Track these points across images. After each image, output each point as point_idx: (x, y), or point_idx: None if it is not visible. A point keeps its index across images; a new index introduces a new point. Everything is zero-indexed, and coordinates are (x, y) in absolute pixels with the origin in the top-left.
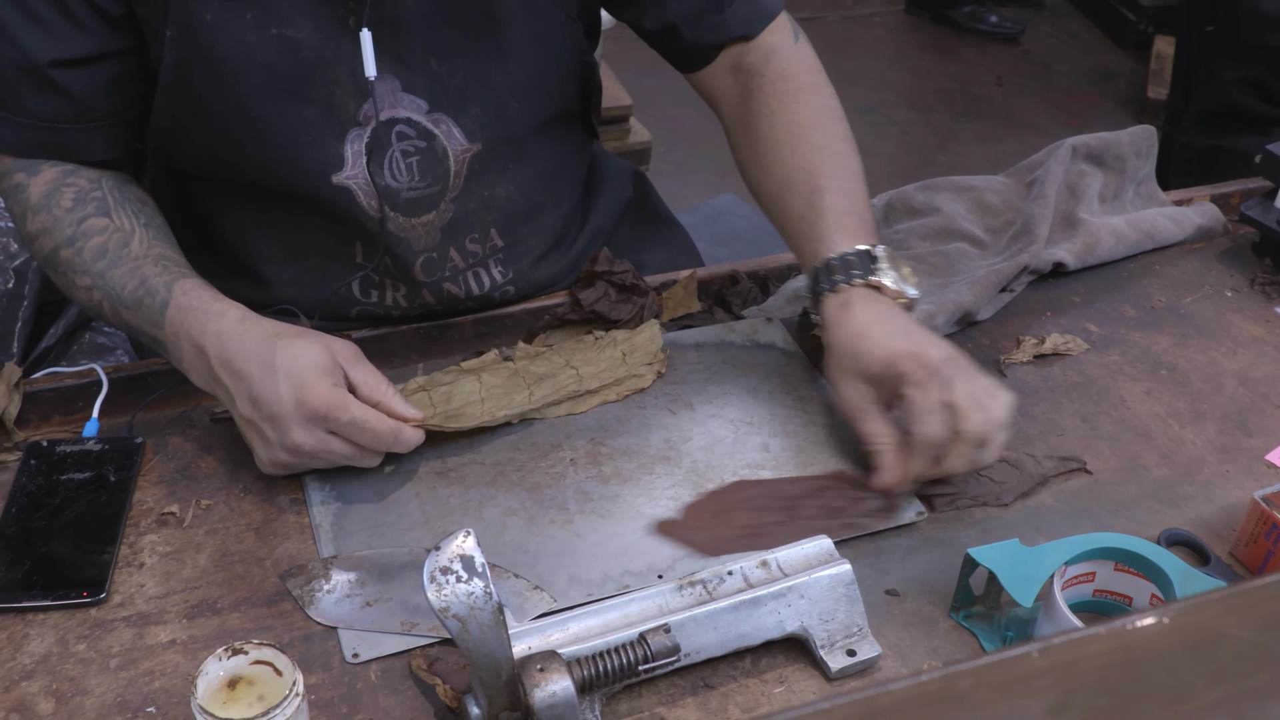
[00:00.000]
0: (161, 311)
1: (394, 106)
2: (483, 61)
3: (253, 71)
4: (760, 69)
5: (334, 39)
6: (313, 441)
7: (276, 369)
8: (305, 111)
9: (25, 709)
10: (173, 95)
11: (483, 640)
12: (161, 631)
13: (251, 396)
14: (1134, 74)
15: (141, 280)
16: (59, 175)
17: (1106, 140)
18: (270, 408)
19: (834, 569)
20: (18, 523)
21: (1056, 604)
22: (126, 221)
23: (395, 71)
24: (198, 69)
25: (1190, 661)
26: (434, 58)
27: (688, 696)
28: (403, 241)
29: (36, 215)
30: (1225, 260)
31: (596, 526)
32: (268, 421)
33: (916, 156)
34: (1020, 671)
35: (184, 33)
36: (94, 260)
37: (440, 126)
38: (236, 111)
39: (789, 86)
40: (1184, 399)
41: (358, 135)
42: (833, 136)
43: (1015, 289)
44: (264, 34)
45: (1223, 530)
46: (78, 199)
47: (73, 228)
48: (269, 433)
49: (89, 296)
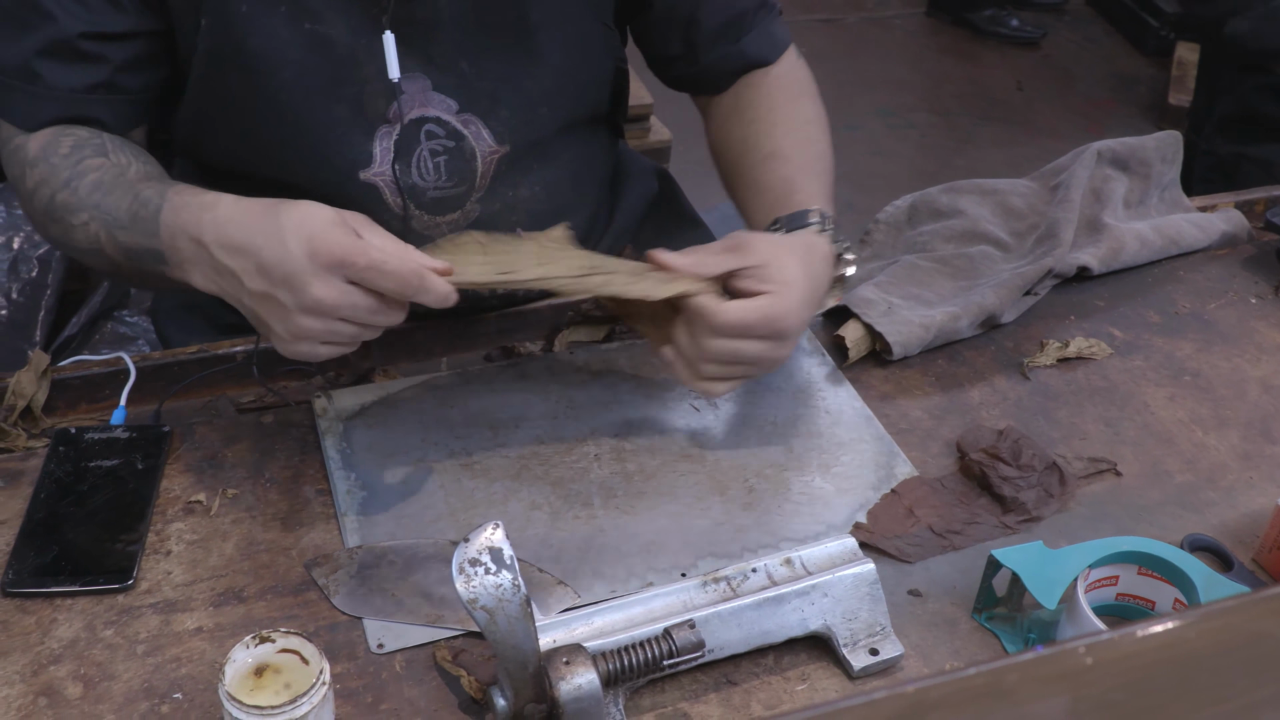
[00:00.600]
0: (155, 218)
1: (424, 105)
2: (513, 65)
3: (284, 66)
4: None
5: (365, 37)
6: (334, 294)
7: (283, 228)
8: (335, 108)
9: (53, 693)
10: (204, 86)
11: (510, 632)
12: (188, 619)
13: (260, 266)
14: (1155, 80)
15: (135, 195)
16: (58, 129)
17: (1132, 145)
18: (282, 267)
19: (858, 568)
20: (46, 508)
21: (1080, 607)
22: (124, 159)
23: (426, 71)
24: (229, 61)
25: (1235, 661)
26: (465, 59)
27: (710, 692)
28: (426, 240)
29: (34, 168)
30: (1250, 267)
31: (620, 523)
32: (282, 285)
33: (935, 160)
34: (1066, 668)
35: (218, 24)
36: (90, 193)
37: (469, 127)
38: (266, 105)
39: (774, 84)
40: (1207, 405)
41: (386, 133)
42: (805, 122)
43: (1039, 292)
44: (296, 29)
45: (1246, 536)
46: (75, 145)
47: (69, 170)
48: (284, 297)
49: (86, 233)
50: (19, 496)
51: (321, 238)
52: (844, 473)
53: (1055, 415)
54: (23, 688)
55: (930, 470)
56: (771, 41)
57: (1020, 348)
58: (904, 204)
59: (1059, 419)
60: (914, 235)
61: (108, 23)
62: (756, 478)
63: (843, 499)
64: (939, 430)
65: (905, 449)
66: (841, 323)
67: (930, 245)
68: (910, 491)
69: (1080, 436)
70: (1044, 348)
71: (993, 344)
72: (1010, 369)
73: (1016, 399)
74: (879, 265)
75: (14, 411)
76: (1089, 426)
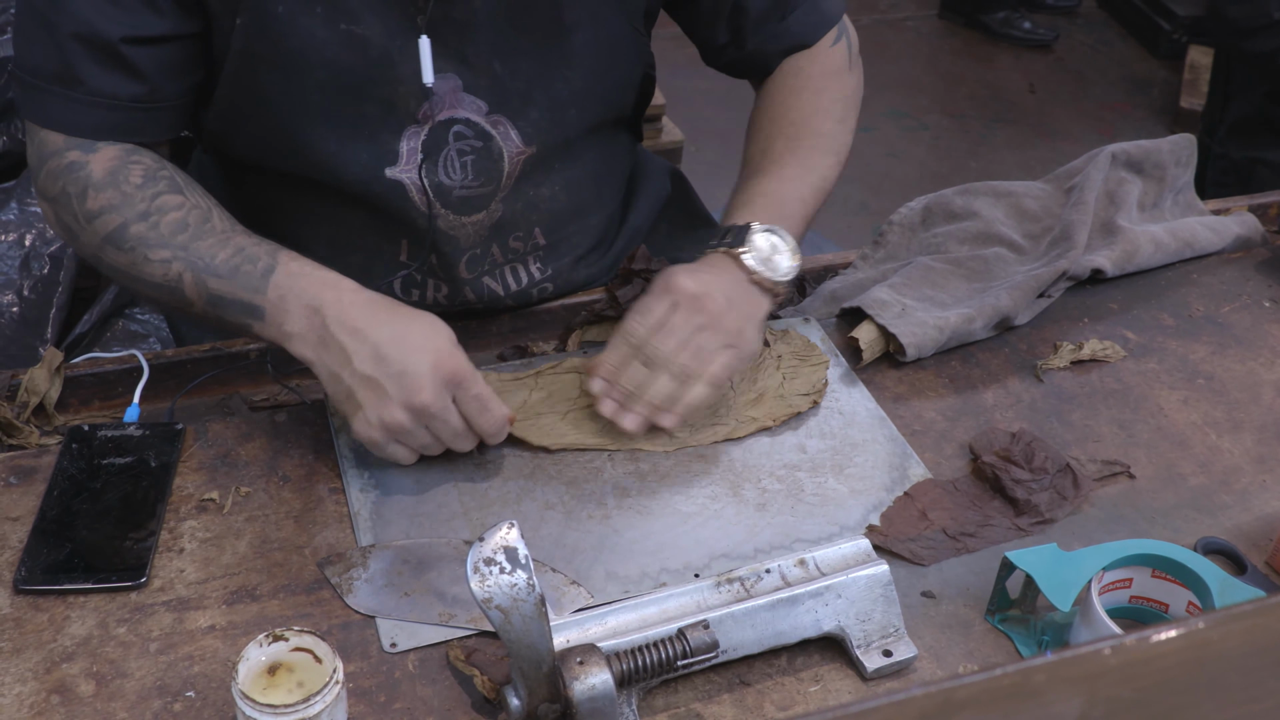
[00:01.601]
0: (265, 277)
1: (454, 106)
2: (546, 66)
3: (319, 66)
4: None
5: (401, 38)
6: (438, 405)
7: (415, 333)
8: (365, 107)
9: (66, 690)
10: (236, 83)
11: (525, 632)
12: (201, 617)
13: (378, 354)
14: (1167, 83)
15: (238, 249)
16: (122, 153)
17: (1146, 148)
18: (404, 365)
19: (872, 569)
20: (60, 505)
21: (1094, 609)
22: (201, 200)
23: (458, 71)
24: (265, 60)
25: (1262, 662)
26: (498, 60)
27: (724, 693)
28: (451, 239)
29: (101, 192)
30: (1264, 270)
31: (634, 523)
32: (396, 378)
33: (948, 161)
34: (1094, 668)
35: (255, 23)
36: (173, 234)
37: (498, 128)
38: (299, 104)
39: (795, 83)
40: (1221, 408)
41: (415, 133)
42: (809, 133)
43: (1053, 295)
44: (333, 29)
45: (1259, 540)
46: (147, 176)
47: (145, 203)
48: (391, 389)
49: (165, 270)
50: (32, 494)
51: (448, 353)
52: (857, 474)
53: (1069, 417)
54: (35, 685)
55: (944, 472)
56: (820, 17)
57: (1034, 350)
58: (918, 205)
59: (1072, 421)
60: (928, 237)
61: (147, 26)
62: (770, 478)
63: (856, 500)
64: (953, 432)
65: (919, 450)
66: (856, 324)
67: (945, 247)
68: (923, 494)
69: (1094, 439)
70: (1058, 350)
71: (1006, 346)
72: (1024, 371)
73: (1030, 401)
74: (893, 267)
75: (27, 408)
76: (1102, 429)
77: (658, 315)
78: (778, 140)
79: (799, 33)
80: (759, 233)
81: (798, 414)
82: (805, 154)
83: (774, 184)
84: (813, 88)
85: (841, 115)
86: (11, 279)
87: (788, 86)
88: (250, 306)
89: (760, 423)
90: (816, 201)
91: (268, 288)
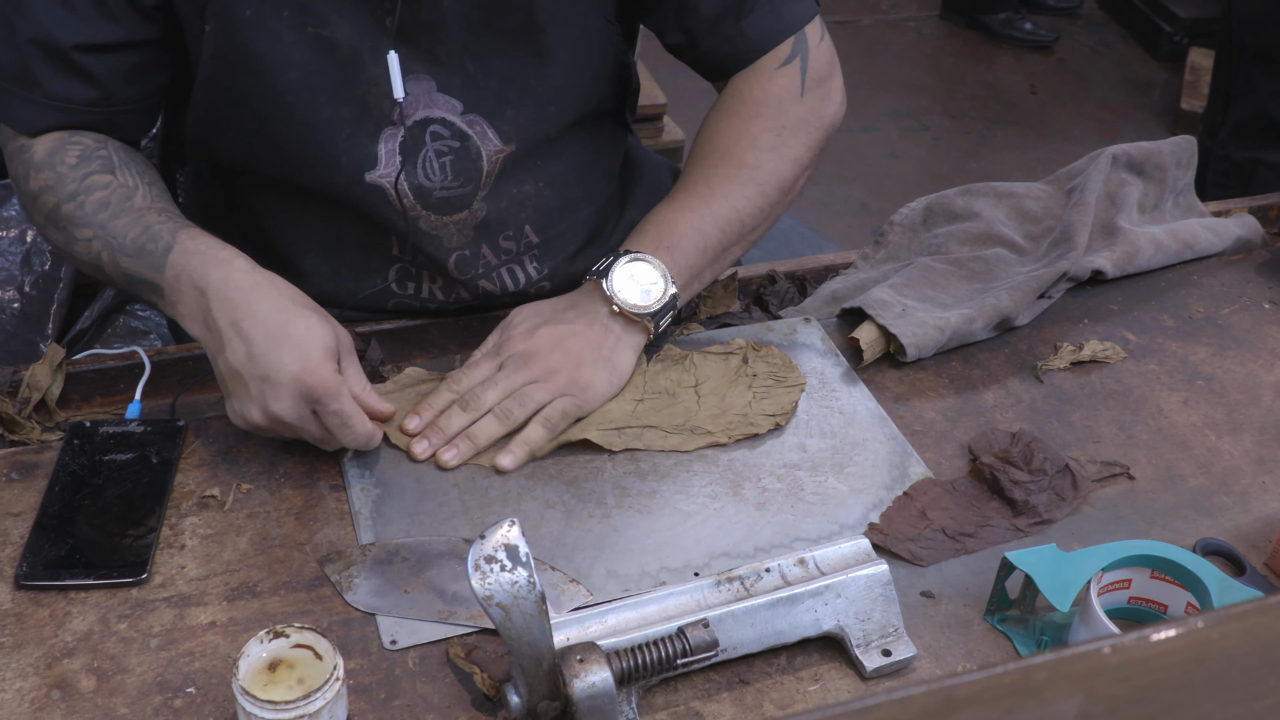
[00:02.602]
0: (164, 255)
1: (429, 107)
2: (520, 65)
3: (288, 69)
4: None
5: (370, 39)
6: (295, 416)
7: (288, 337)
8: (340, 110)
9: (66, 685)
10: (211, 89)
11: (525, 629)
12: (202, 613)
13: (250, 354)
14: (1168, 85)
15: (145, 227)
16: (64, 135)
17: (1147, 149)
18: (268, 371)
19: (871, 569)
20: (61, 501)
21: (1093, 610)
22: (130, 179)
23: (431, 72)
24: (236, 64)
25: (1261, 661)
26: (471, 60)
27: (723, 692)
28: (434, 240)
29: (40, 173)
30: (1264, 272)
31: (634, 521)
32: (259, 381)
33: (948, 162)
34: (1094, 666)
35: (223, 27)
36: (96, 212)
37: (474, 128)
38: (273, 107)
39: (728, 106)
40: (1221, 409)
41: (392, 134)
42: (730, 162)
43: (1054, 295)
44: (301, 32)
45: (1259, 541)
46: (82, 156)
47: (76, 183)
48: (254, 391)
49: (88, 249)
50: (34, 489)
51: (313, 368)
52: (857, 473)
53: (1069, 418)
54: (36, 680)
55: (944, 471)
56: (778, 23)
57: (1034, 350)
58: (919, 206)
59: (1072, 422)
60: (929, 237)
61: (101, 32)
62: (770, 477)
63: (856, 499)
64: (953, 432)
65: (919, 450)
66: (856, 324)
67: (945, 247)
68: (923, 494)
69: (1094, 440)
70: (1058, 351)
71: (1007, 346)
72: (1024, 372)
73: (1030, 401)
74: (894, 267)
75: (29, 404)
76: (1102, 430)
77: (483, 371)
78: (696, 166)
79: (754, 36)
80: (631, 262)
81: (755, 435)
82: (718, 183)
83: (671, 212)
84: (745, 114)
85: (774, 145)
86: (13, 275)
87: (721, 109)
88: (153, 285)
89: (714, 438)
90: (722, 233)
91: (166, 266)
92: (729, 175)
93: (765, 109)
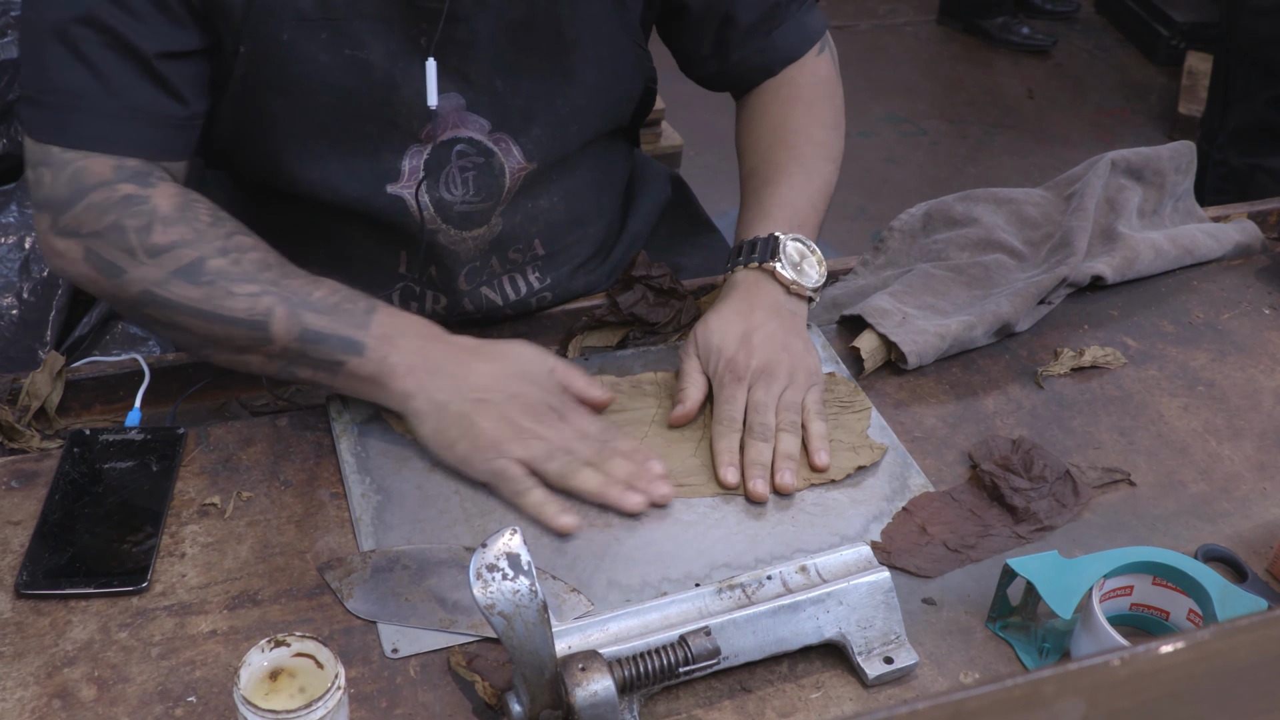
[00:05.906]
0: (368, 314)
1: (457, 126)
2: (547, 84)
3: (323, 91)
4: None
5: (404, 61)
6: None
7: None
8: (368, 128)
9: (67, 695)
10: (238, 106)
11: (527, 638)
12: (203, 621)
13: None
14: (1166, 90)
15: (333, 289)
16: (180, 191)
17: (1146, 155)
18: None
19: (873, 576)
20: (61, 510)
21: (1095, 617)
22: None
23: (461, 90)
24: (269, 85)
25: (1271, 674)
26: (500, 78)
27: (725, 699)
28: (452, 254)
29: (171, 227)
30: (1264, 278)
31: (635, 532)
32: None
33: (947, 167)
34: (1104, 679)
35: (259, 50)
36: (259, 270)
37: (500, 145)
38: (302, 127)
39: (789, 93)
40: (1222, 415)
41: (418, 151)
42: (808, 141)
43: (1054, 301)
44: (337, 55)
45: (1260, 547)
46: (214, 216)
47: (222, 240)
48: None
49: (253, 304)
50: (34, 498)
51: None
52: (858, 482)
53: (1069, 424)
54: (37, 690)
55: (945, 478)
56: (803, 34)
57: (1035, 357)
58: (919, 212)
59: (1073, 428)
60: (929, 243)
61: (179, 40)
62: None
63: (856, 509)
64: (954, 439)
65: (920, 457)
66: (857, 333)
67: (945, 254)
68: (922, 508)
69: (1094, 446)
70: (1058, 357)
71: (1007, 353)
72: (1025, 378)
73: (1031, 408)
74: (894, 274)
75: (28, 412)
76: (1103, 436)
77: (740, 397)
78: (779, 150)
79: (784, 47)
80: (789, 242)
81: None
82: (809, 161)
83: (788, 192)
84: (807, 97)
85: (834, 123)
86: (11, 282)
87: (782, 96)
88: (351, 342)
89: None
90: (825, 207)
91: (371, 324)
92: (815, 154)
93: (822, 92)
